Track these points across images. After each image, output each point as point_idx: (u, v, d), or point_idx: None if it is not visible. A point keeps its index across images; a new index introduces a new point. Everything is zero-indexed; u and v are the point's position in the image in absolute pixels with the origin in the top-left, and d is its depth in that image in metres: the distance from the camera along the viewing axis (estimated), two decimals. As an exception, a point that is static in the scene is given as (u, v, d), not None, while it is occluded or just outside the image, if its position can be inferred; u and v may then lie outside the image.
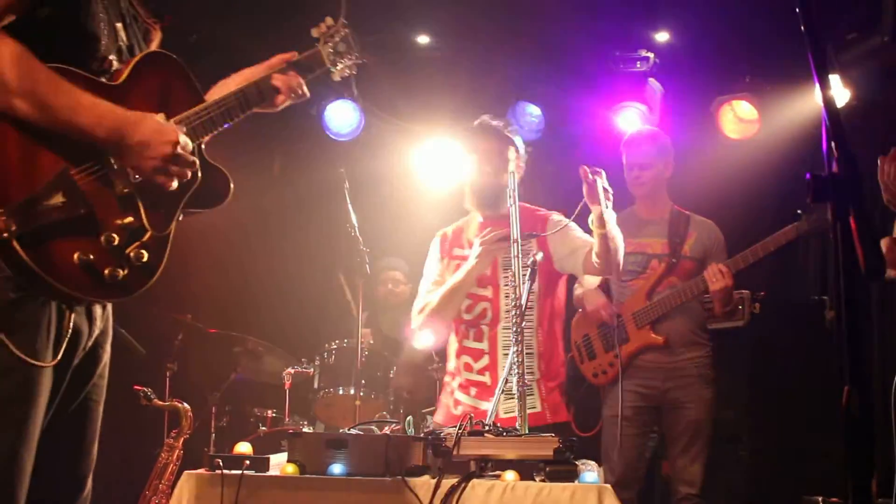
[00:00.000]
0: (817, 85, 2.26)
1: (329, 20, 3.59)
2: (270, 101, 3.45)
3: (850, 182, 2.15)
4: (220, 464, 4.17)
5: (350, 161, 6.68)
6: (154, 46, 3.19)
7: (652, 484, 6.55)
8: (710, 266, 5.85)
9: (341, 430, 4.32)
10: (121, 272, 2.95)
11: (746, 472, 7.34)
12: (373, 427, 4.48)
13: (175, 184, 3.01)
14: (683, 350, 6.04)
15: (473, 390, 4.88)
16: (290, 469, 4.17)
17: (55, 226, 2.83)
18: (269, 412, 5.60)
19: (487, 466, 4.07)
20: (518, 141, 5.12)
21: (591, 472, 4.12)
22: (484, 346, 4.93)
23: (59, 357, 2.89)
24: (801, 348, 7.17)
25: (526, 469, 4.06)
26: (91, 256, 2.89)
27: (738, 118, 7.35)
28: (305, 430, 4.40)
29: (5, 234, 2.71)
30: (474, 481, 4.01)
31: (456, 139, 5.22)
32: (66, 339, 2.92)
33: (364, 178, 6.66)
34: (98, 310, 3.07)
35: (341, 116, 7.68)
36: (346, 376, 6.10)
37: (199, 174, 3.09)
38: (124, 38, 3.03)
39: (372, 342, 6.52)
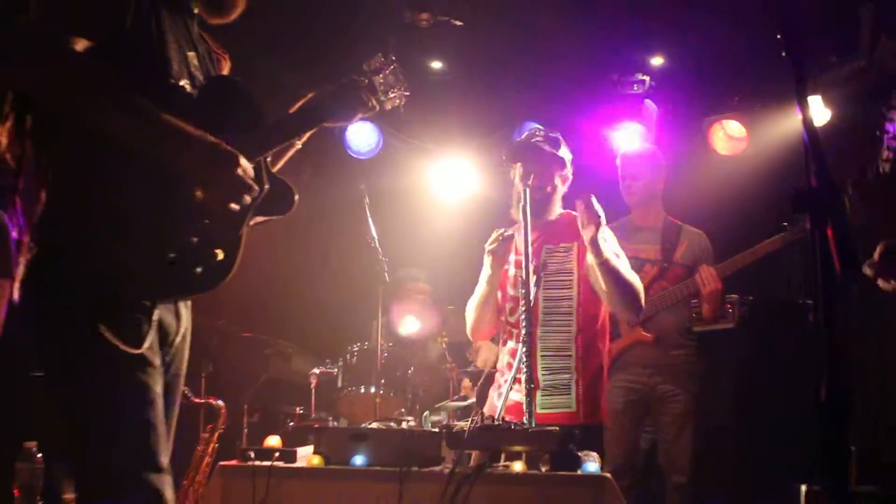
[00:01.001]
0: (800, 107, 2.27)
1: (380, 56, 3.60)
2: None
3: (827, 194, 2.16)
4: (252, 456, 4.20)
5: (370, 177, 6.69)
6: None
7: (648, 473, 6.54)
8: (702, 269, 5.88)
9: (363, 425, 4.32)
10: (198, 270, 2.98)
11: (734, 462, 7.34)
12: (392, 422, 4.48)
13: (235, 205, 3.00)
14: (671, 347, 6.13)
15: (516, 386, 4.86)
16: (316, 460, 4.19)
17: None
18: (297, 409, 5.59)
19: (497, 458, 4.08)
20: (564, 150, 5.16)
21: (592, 463, 4.13)
22: (526, 349, 4.89)
23: (150, 346, 2.92)
24: (786, 347, 7.18)
25: (533, 460, 4.07)
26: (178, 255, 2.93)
27: (728, 136, 7.36)
28: (330, 424, 4.40)
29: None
30: (486, 471, 4.02)
31: (465, 150, 5.19)
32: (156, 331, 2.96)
33: (383, 193, 6.66)
34: (183, 309, 3.10)
35: (361, 136, 7.69)
36: (367, 376, 6.10)
37: (264, 188, 3.11)
38: (196, 65, 3.03)
39: (391, 344, 6.52)
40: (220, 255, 3.03)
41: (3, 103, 2.83)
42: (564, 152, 5.13)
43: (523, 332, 4.50)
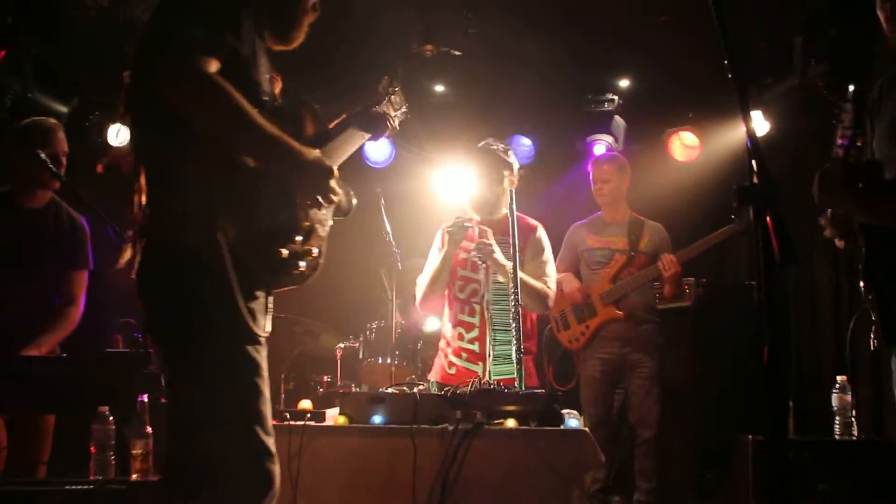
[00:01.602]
0: (744, 119, 2.28)
1: (386, 80, 3.62)
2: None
3: (767, 191, 2.18)
4: (288, 416, 4.20)
5: (384, 183, 6.70)
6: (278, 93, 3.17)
7: (621, 428, 6.57)
8: (663, 257, 5.91)
9: (381, 390, 4.33)
10: (302, 266, 3.01)
11: (692, 418, 7.34)
12: (404, 387, 4.49)
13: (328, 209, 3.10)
14: (639, 323, 6.18)
15: (465, 355, 4.92)
16: (341, 420, 4.20)
17: None
18: (325, 377, 5.61)
19: (493, 416, 4.08)
20: (513, 160, 5.07)
21: (574, 420, 4.14)
22: (475, 320, 4.92)
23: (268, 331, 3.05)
24: (734, 321, 7.19)
25: (523, 417, 4.08)
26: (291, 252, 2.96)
27: (684, 145, 7.38)
28: (353, 390, 4.40)
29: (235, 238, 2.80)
30: (484, 427, 4.03)
31: (463, 159, 5.18)
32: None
33: (395, 196, 6.69)
34: (271, 300, 3.10)
35: (377, 148, 7.69)
36: (383, 349, 6.11)
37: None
38: (268, 87, 3.02)
39: (403, 322, 6.53)
40: (315, 252, 3.06)
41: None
42: (513, 159, 5.09)
43: (512, 310, 4.53)
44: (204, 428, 2.80)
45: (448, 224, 4.91)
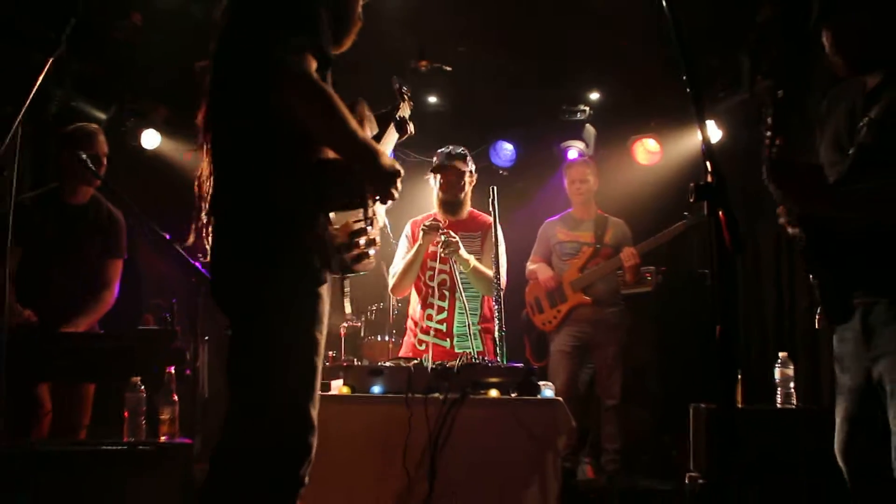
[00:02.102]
0: (699, 128, 2.28)
1: (397, 84, 3.57)
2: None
3: (720, 189, 2.17)
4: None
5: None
6: None
7: (589, 398, 6.59)
8: (625, 249, 5.95)
9: (379, 364, 4.32)
10: (371, 254, 3.03)
11: (654, 389, 7.36)
12: (400, 361, 4.49)
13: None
14: (605, 306, 6.23)
15: (433, 333, 4.99)
16: (345, 389, 4.19)
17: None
18: (330, 353, 5.57)
19: (478, 387, 4.08)
20: (470, 164, 5.15)
21: (548, 390, 4.13)
22: (444, 304, 4.99)
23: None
24: (690, 304, 7.20)
25: (504, 388, 4.07)
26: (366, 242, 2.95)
27: (647, 150, 7.38)
28: (355, 363, 4.39)
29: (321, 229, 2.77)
30: (469, 396, 4.02)
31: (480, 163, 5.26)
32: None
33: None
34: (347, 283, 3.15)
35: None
36: (382, 328, 6.13)
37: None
38: None
39: (399, 304, 6.52)
40: (377, 243, 3.04)
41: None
42: (471, 165, 5.16)
43: (495, 294, 4.53)
44: (259, 397, 2.75)
45: (424, 223, 4.98)
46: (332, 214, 2.81)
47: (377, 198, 2.97)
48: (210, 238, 2.80)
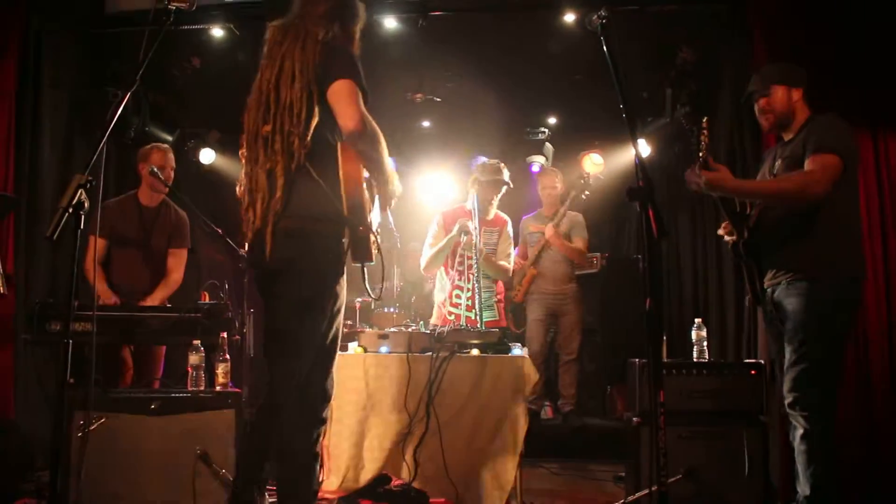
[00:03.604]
0: (633, 144, 2.29)
1: None
2: None
3: (649, 191, 2.18)
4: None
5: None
6: None
7: (550, 355, 6.59)
8: (548, 226, 6.12)
9: (386, 330, 4.33)
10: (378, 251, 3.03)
11: (600, 348, 7.37)
12: (402, 327, 4.49)
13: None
14: (564, 283, 6.19)
15: (463, 307, 4.94)
16: (359, 350, 4.20)
17: None
18: (348, 321, 5.58)
19: (463, 347, 4.09)
20: (507, 176, 5.11)
21: (517, 349, 4.15)
22: (469, 285, 4.94)
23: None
24: (627, 281, 7.21)
25: (483, 348, 4.08)
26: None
27: (593, 163, 7.36)
28: (367, 330, 4.39)
29: (362, 229, 2.78)
30: (457, 354, 4.03)
31: (465, 172, 5.27)
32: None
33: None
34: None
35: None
36: (389, 302, 6.12)
37: None
38: None
39: (402, 283, 6.52)
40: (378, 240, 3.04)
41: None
42: (506, 175, 5.14)
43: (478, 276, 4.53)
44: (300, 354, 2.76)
45: (460, 221, 4.91)
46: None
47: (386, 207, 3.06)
48: (270, 236, 2.73)
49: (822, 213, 3.20)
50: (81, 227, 2.27)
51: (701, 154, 3.27)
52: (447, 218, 5.09)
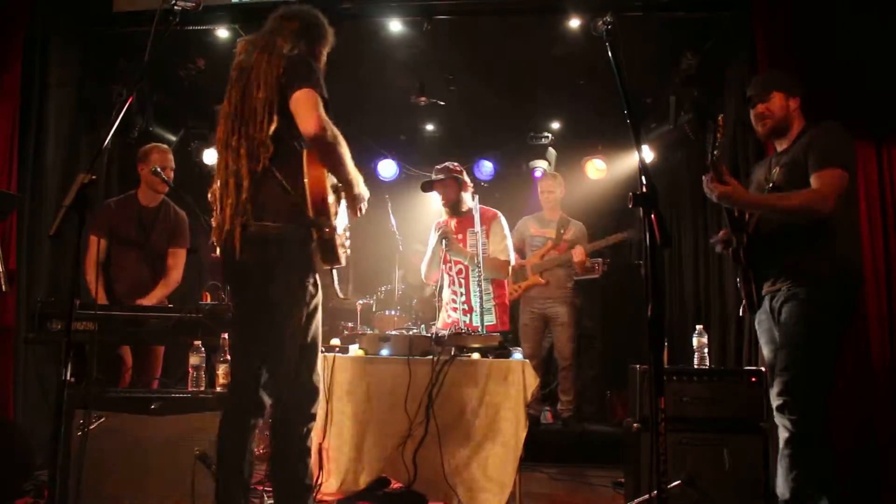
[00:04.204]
0: (637, 150, 2.29)
1: None
2: None
3: (652, 197, 2.17)
4: (324, 350, 4.17)
5: (391, 192, 6.66)
6: None
7: (548, 360, 6.60)
8: (576, 247, 6.07)
9: (387, 332, 4.32)
10: (347, 251, 3.07)
11: (598, 354, 7.38)
12: (403, 330, 4.49)
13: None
14: (559, 288, 6.23)
15: (459, 311, 4.91)
16: (360, 352, 4.19)
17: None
18: (349, 324, 5.58)
19: (464, 350, 4.08)
20: (464, 174, 5.12)
21: (518, 353, 4.14)
22: (462, 289, 4.92)
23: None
24: (628, 288, 7.22)
25: (483, 351, 4.08)
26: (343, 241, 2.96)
27: (596, 168, 7.36)
28: (368, 332, 4.38)
29: (328, 231, 2.77)
30: (457, 358, 4.02)
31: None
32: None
33: (398, 201, 6.65)
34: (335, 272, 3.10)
35: (386, 168, 7.66)
36: (390, 304, 6.12)
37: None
38: None
39: (404, 286, 6.52)
40: (347, 244, 3.10)
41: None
42: (464, 177, 5.12)
43: (478, 279, 4.51)
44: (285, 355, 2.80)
45: (441, 227, 4.96)
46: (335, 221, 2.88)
47: (354, 212, 3.09)
48: (238, 239, 2.80)
49: (822, 221, 3.22)
50: (83, 225, 2.27)
51: (716, 154, 3.27)
52: (439, 226, 5.11)
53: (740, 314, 3.70)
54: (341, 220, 3.04)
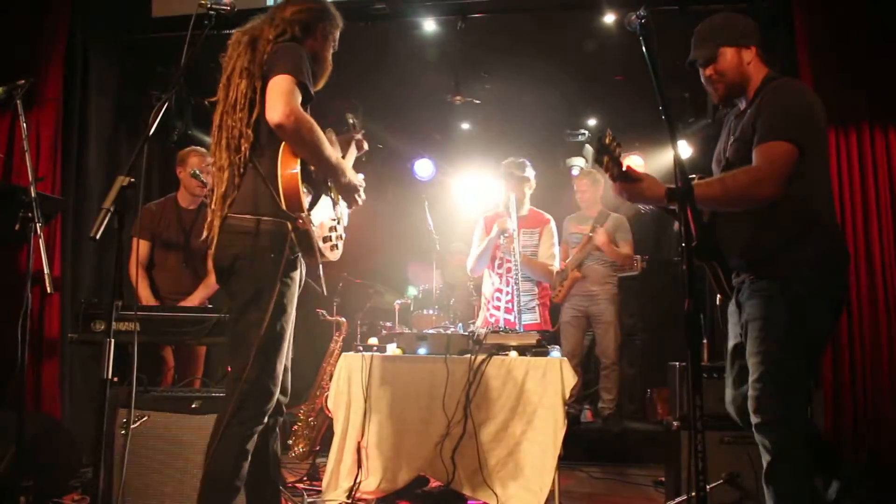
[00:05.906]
0: (672, 146, 2.27)
1: (351, 116, 3.44)
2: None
3: (688, 191, 2.16)
4: (361, 349, 4.21)
5: (429, 191, 6.69)
6: None
7: (589, 358, 6.57)
8: (597, 230, 6.15)
9: (425, 331, 4.34)
10: (339, 248, 3.00)
11: (639, 351, 7.32)
12: (440, 329, 4.50)
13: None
14: (601, 284, 6.16)
15: (502, 309, 4.90)
16: (398, 351, 4.21)
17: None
18: (388, 323, 5.61)
19: (501, 349, 4.08)
20: (529, 172, 5.09)
21: (556, 351, 4.13)
22: (510, 287, 4.89)
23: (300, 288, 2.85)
24: (667, 284, 7.17)
25: (521, 350, 4.07)
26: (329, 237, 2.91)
27: (634, 164, 7.28)
28: (406, 331, 4.40)
29: (300, 222, 2.68)
30: (494, 357, 4.02)
31: (494, 174, 5.20)
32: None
33: (435, 201, 6.65)
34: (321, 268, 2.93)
35: (423, 167, 7.68)
36: (427, 303, 6.13)
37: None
38: None
39: (442, 285, 6.53)
40: (342, 239, 3.04)
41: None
42: (529, 172, 5.07)
43: (517, 278, 4.51)
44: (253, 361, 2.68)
45: (499, 223, 4.89)
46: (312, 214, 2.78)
47: (348, 204, 3.04)
48: (217, 232, 2.75)
49: (780, 202, 2.69)
50: (123, 227, 2.32)
51: (613, 165, 2.84)
52: (488, 221, 5.09)
53: (717, 303, 3.23)
54: (326, 212, 2.92)
